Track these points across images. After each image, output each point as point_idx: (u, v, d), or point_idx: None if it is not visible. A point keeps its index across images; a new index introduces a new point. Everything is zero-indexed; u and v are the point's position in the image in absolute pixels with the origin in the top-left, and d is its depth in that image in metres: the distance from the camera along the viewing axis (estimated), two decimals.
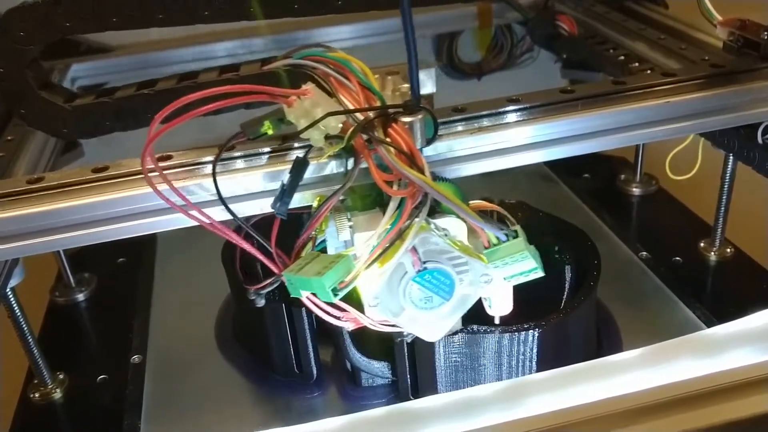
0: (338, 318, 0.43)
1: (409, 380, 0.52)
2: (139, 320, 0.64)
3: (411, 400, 0.52)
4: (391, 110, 0.41)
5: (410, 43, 0.39)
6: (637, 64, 0.62)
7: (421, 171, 0.39)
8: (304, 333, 0.54)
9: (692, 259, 0.66)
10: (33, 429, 0.55)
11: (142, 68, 0.76)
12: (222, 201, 0.41)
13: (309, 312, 0.53)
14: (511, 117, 0.47)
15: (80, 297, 0.68)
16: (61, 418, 0.55)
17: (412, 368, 0.52)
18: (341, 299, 0.41)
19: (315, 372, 0.56)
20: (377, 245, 0.39)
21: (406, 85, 0.44)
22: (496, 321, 0.47)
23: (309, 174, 0.43)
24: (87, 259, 0.73)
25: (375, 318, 0.43)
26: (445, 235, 0.41)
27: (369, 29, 0.80)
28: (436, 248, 0.41)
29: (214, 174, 0.41)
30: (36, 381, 0.57)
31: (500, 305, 0.45)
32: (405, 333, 0.45)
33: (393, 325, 0.43)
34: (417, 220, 0.39)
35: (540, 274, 0.43)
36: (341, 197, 0.42)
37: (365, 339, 0.53)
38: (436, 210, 0.42)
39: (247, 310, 0.59)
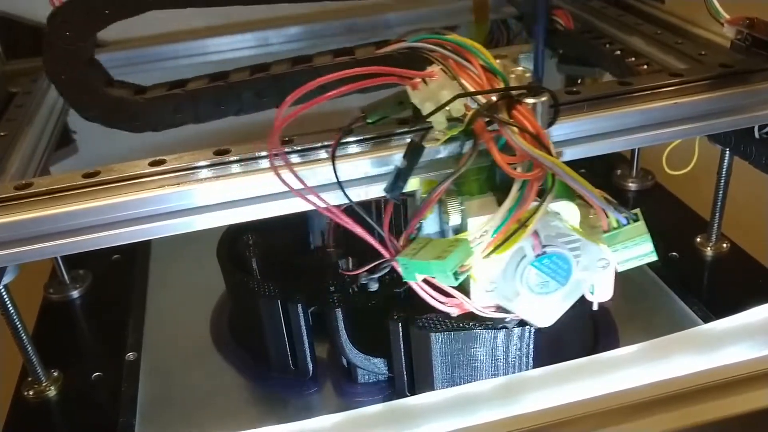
0: (444, 304, 0.43)
1: (405, 377, 0.52)
2: (134, 317, 0.64)
3: (407, 396, 0.52)
4: (514, 92, 0.40)
5: (540, 26, 0.38)
6: (633, 59, 0.61)
7: (549, 152, 0.38)
8: (300, 329, 0.54)
9: (688, 254, 0.66)
10: (27, 427, 0.54)
11: (137, 63, 0.75)
12: (340, 186, 0.41)
13: (305, 308, 0.53)
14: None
15: (75, 294, 0.68)
16: (56, 416, 0.55)
17: (408, 364, 0.52)
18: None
19: (311, 368, 0.56)
20: (499, 229, 0.39)
21: (520, 68, 0.43)
22: (595, 307, 0.45)
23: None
24: (81, 256, 0.71)
25: (482, 303, 0.43)
26: (559, 219, 0.41)
27: (365, 25, 0.80)
28: (556, 232, 0.40)
29: (333, 159, 0.41)
30: (30, 378, 0.56)
31: (603, 291, 0.44)
32: (508, 319, 0.44)
33: (499, 310, 0.43)
34: (546, 202, 0.38)
35: (655, 257, 0.42)
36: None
37: (361, 335, 0.53)
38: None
39: (243, 307, 0.59)
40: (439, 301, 0.43)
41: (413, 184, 0.42)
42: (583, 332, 0.56)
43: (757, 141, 0.54)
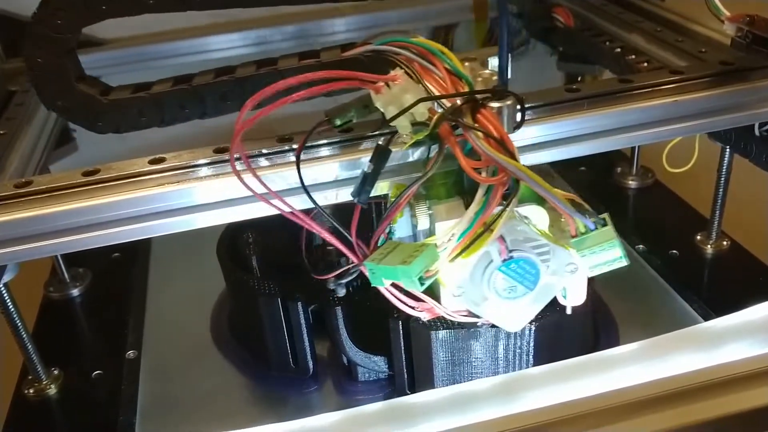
0: (414, 308, 0.43)
1: (405, 375, 0.52)
2: (134, 315, 0.64)
3: (408, 394, 0.52)
4: (479, 96, 0.40)
5: (504, 28, 0.38)
6: (633, 57, 0.61)
7: (513, 157, 0.38)
8: (300, 328, 0.54)
9: (689, 252, 0.66)
10: (28, 425, 0.54)
11: (134, 62, 0.75)
12: (305, 190, 0.41)
13: (305, 306, 0.53)
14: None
15: (75, 292, 0.68)
16: (56, 414, 0.55)
17: (408, 362, 0.52)
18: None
19: (311, 367, 0.56)
20: (465, 233, 0.38)
21: (488, 71, 0.43)
22: (568, 311, 0.45)
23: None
24: (81, 254, 0.72)
25: (452, 308, 0.42)
26: (527, 223, 0.41)
27: (363, 23, 0.80)
28: (523, 236, 0.40)
29: (298, 163, 0.40)
30: (30, 377, 0.56)
31: (575, 295, 0.44)
32: (479, 323, 0.44)
33: (470, 315, 0.43)
34: (510, 207, 0.38)
35: (625, 263, 0.41)
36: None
37: (361, 333, 0.53)
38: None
39: (243, 305, 0.59)
40: (409, 306, 0.42)
41: (383, 187, 0.42)
42: (583, 330, 0.56)
43: (758, 138, 0.54)
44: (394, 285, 0.42)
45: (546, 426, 0.42)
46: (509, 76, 0.44)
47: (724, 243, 0.66)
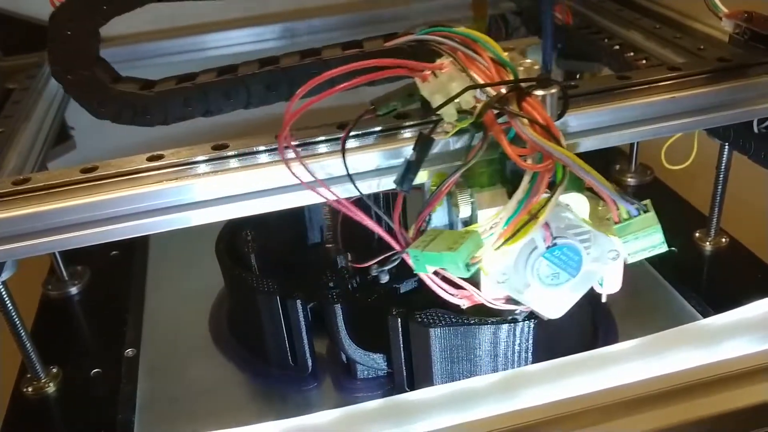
0: (454, 295, 0.43)
1: (405, 372, 0.52)
2: (132, 313, 0.64)
3: (407, 391, 0.52)
4: (524, 84, 0.40)
5: (548, 16, 0.38)
6: (632, 54, 0.61)
7: (559, 143, 0.38)
8: (298, 325, 0.54)
9: (687, 249, 0.66)
10: (26, 423, 0.54)
11: (130, 60, 0.75)
12: (350, 178, 0.41)
13: (304, 304, 0.53)
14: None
15: (73, 290, 0.68)
16: (55, 412, 0.55)
17: (407, 360, 0.52)
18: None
19: (310, 364, 0.56)
20: (511, 220, 0.39)
21: (528, 61, 0.44)
22: (603, 299, 0.45)
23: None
24: (80, 252, 0.71)
25: (493, 295, 0.43)
26: (570, 210, 0.41)
27: (361, 20, 0.80)
28: (567, 223, 0.40)
29: (343, 151, 0.41)
30: (29, 375, 0.56)
31: (612, 283, 0.44)
32: (518, 311, 0.44)
33: (509, 302, 0.43)
34: (557, 193, 0.38)
35: (665, 248, 0.42)
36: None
37: (360, 331, 0.53)
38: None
39: (242, 303, 0.59)
40: (450, 293, 0.43)
41: (422, 176, 0.42)
42: (582, 327, 0.56)
43: (756, 135, 0.54)
44: (435, 273, 0.42)
45: (545, 423, 0.42)
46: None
47: (723, 240, 0.66)
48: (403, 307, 0.50)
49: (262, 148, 0.44)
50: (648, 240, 0.41)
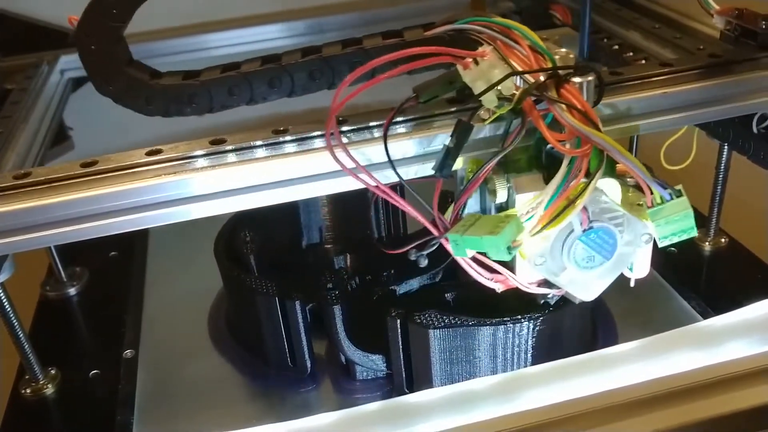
0: (489, 280, 0.43)
1: (404, 373, 0.52)
2: (131, 314, 0.64)
3: (406, 393, 0.52)
4: (563, 72, 0.41)
5: (585, 8, 0.39)
6: (631, 54, 0.61)
7: (598, 128, 0.39)
8: (297, 326, 0.54)
9: (687, 249, 0.65)
10: (25, 425, 0.54)
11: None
12: (392, 165, 0.42)
13: (303, 305, 0.53)
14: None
15: (72, 291, 0.68)
16: (53, 414, 0.55)
17: (407, 361, 0.52)
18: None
19: (309, 365, 0.56)
20: (550, 204, 0.39)
21: (563, 50, 0.44)
22: (632, 284, 0.46)
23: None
24: (78, 253, 0.72)
25: (529, 279, 0.43)
26: (605, 195, 0.42)
27: (360, 20, 0.80)
28: (602, 207, 0.41)
29: (385, 138, 0.41)
30: (27, 377, 0.56)
31: (641, 267, 0.45)
32: (550, 295, 0.45)
33: (543, 286, 0.44)
34: (596, 176, 0.39)
35: (695, 233, 0.42)
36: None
37: (359, 332, 0.53)
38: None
39: (240, 304, 0.59)
40: (486, 277, 0.43)
41: (458, 163, 0.43)
42: (582, 328, 0.56)
43: (756, 136, 0.54)
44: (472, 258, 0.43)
45: (545, 425, 0.42)
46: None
47: (722, 240, 0.66)
48: (403, 308, 0.50)
49: (259, 142, 0.44)
50: (679, 224, 0.42)
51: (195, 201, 0.43)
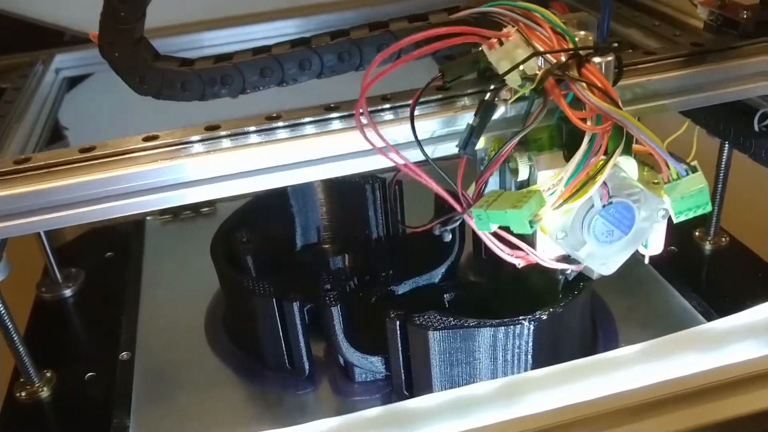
0: (510, 255, 0.45)
1: (403, 375, 0.52)
2: (127, 316, 0.63)
3: (405, 395, 0.52)
4: (583, 52, 0.42)
5: None
6: (630, 51, 0.61)
7: (618, 106, 0.41)
8: (295, 327, 0.53)
9: (687, 248, 0.65)
10: (20, 428, 0.54)
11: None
12: (418, 143, 0.43)
13: (301, 306, 0.53)
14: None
15: (67, 293, 0.67)
16: (49, 417, 0.54)
17: (406, 363, 0.51)
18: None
19: (307, 367, 0.55)
20: (571, 179, 0.41)
21: (582, 32, 0.46)
22: (646, 261, 0.47)
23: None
24: (74, 254, 0.72)
25: (549, 254, 0.45)
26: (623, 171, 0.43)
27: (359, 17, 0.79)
28: (621, 183, 0.42)
29: (412, 117, 0.43)
30: (22, 379, 0.56)
31: (655, 244, 0.46)
32: (569, 270, 0.46)
33: (562, 261, 0.45)
34: (617, 151, 0.41)
35: (710, 208, 0.44)
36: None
37: (358, 333, 0.52)
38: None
39: (238, 305, 0.58)
40: (507, 253, 0.45)
41: (480, 142, 0.45)
42: (582, 327, 0.55)
43: (757, 134, 0.54)
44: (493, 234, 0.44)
45: (548, 430, 0.42)
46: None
47: (723, 239, 0.66)
48: (402, 309, 0.50)
49: (252, 128, 0.45)
50: (694, 200, 0.43)
51: (190, 186, 0.44)
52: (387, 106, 0.46)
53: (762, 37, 0.52)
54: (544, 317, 0.49)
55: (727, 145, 0.60)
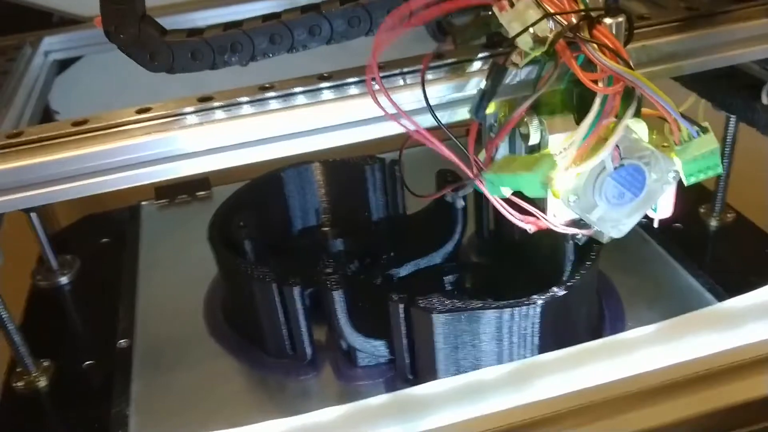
0: (521, 221, 0.45)
1: (407, 359, 0.51)
2: (125, 303, 0.62)
3: (409, 379, 0.51)
4: (594, 13, 0.42)
5: None
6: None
7: (630, 67, 0.40)
8: (296, 312, 0.52)
9: (693, 225, 0.65)
10: (17, 419, 0.53)
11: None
12: (430, 108, 0.43)
13: (302, 291, 0.52)
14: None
15: (63, 280, 0.67)
16: (47, 407, 0.54)
17: (410, 347, 0.50)
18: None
19: (309, 352, 0.54)
20: (584, 141, 0.41)
21: None
22: (656, 224, 0.47)
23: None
24: (70, 241, 0.71)
25: (560, 218, 0.45)
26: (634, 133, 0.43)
27: None
28: (632, 145, 0.42)
29: (423, 82, 0.43)
30: (19, 369, 0.55)
31: (665, 207, 0.46)
32: (579, 235, 0.46)
33: (572, 225, 0.45)
34: (629, 112, 0.40)
35: (720, 171, 0.44)
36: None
37: (360, 317, 0.51)
38: None
39: (237, 290, 0.57)
40: (518, 219, 0.45)
41: (491, 106, 0.45)
42: (588, 306, 0.54)
43: (765, 107, 0.53)
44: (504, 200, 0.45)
45: (559, 416, 0.41)
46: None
47: (729, 215, 0.65)
48: (405, 292, 0.49)
49: (245, 99, 0.45)
50: (705, 162, 0.43)
51: (184, 158, 0.44)
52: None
53: (758, 0, 0.51)
54: (550, 298, 0.48)
55: (732, 120, 0.59)
